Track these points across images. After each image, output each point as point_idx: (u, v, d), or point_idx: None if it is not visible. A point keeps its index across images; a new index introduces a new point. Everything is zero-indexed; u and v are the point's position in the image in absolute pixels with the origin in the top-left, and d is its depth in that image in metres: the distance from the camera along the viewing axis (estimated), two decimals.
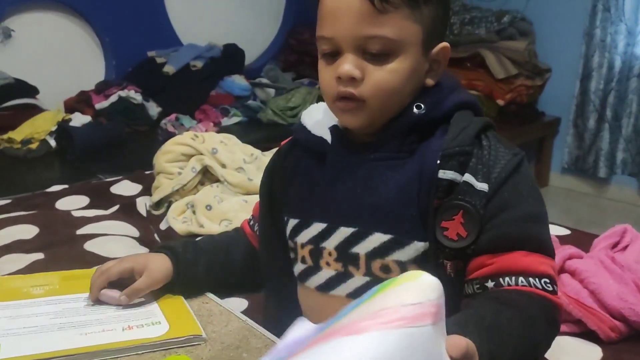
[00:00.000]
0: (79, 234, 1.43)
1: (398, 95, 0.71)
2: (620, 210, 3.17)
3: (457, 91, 0.75)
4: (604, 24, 3.05)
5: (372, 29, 0.67)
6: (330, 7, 0.70)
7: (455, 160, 0.68)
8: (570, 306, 1.08)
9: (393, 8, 0.67)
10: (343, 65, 0.69)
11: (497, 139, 0.72)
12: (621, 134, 3.13)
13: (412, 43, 0.70)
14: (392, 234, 0.71)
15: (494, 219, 0.68)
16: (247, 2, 3.41)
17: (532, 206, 0.69)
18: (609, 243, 1.25)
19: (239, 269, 0.89)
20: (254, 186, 1.73)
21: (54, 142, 2.39)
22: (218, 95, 3.00)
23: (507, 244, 0.67)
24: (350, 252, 0.74)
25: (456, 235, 0.67)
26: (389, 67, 0.69)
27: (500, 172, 0.69)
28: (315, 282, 0.78)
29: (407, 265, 0.71)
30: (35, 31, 2.72)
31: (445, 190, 0.69)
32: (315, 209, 0.77)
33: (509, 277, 0.66)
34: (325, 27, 0.70)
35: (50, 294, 0.81)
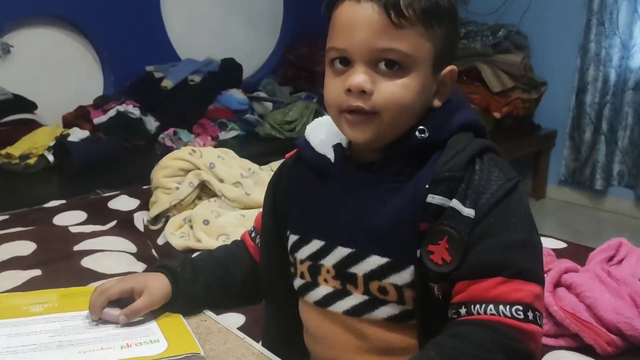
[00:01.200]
0: (76, 250, 1.43)
1: (408, 111, 0.71)
2: (618, 222, 3.17)
3: (460, 111, 0.74)
4: (599, 38, 3.08)
5: (387, 42, 0.68)
6: (346, 19, 0.70)
7: (445, 185, 0.68)
8: (566, 320, 1.08)
9: (409, 24, 0.68)
10: (355, 77, 0.69)
11: (494, 163, 0.71)
12: (617, 146, 3.15)
13: (423, 61, 0.70)
14: (389, 257, 0.71)
15: (477, 246, 0.67)
16: (245, 17, 3.43)
17: (519, 233, 0.68)
18: (604, 257, 1.26)
19: (238, 284, 0.89)
20: (252, 201, 1.73)
21: (52, 157, 2.39)
22: (216, 110, 3.01)
23: (485, 271, 0.67)
24: (348, 271, 0.75)
25: (441, 259, 0.68)
26: (400, 82, 0.69)
27: (489, 199, 0.68)
28: (313, 297, 0.79)
29: (403, 289, 0.72)
30: (34, 46, 2.74)
31: (434, 214, 0.68)
32: (315, 226, 0.78)
33: (479, 304, 0.66)
34: (339, 38, 0.70)
35: (49, 311, 0.81)
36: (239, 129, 2.97)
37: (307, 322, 0.82)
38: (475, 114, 0.76)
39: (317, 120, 0.83)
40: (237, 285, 0.88)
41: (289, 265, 0.82)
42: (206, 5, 3.28)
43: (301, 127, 2.99)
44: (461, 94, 0.78)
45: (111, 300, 0.79)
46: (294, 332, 0.85)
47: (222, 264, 0.88)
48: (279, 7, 3.58)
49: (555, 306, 1.10)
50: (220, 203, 1.71)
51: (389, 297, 0.73)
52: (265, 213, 0.86)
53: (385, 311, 0.73)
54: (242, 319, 1.24)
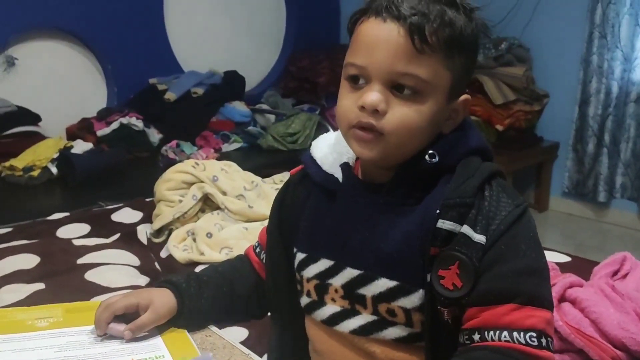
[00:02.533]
0: (79, 263, 1.43)
1: (417, 136, 0.71)
2: (621, 235, 3.17)
3: (469, 134, 0.74)
4: (601, 51, 3.09)
5: (407, 66, 0.68)
6: (368, 37, 0.69)
7: (455, 211, 0.68)
8: (571, 336, 1.07)
9: (430, 51, 0.67)
10: (370, 95, 0.69)
11: (501, 188, 0.71)
12: (620, 158, 3.15)
13: (440, 88, 0.70)
14: (397, 280, 0.71)
15: (488, 272, 0.67)
16: (248, 29, 3.45)
17: (529, 260, 0.68)
18: (608, 271, 1.25)
19: (243, 300, 0.89)
20: (254, 213, 1.73)
21: (55, 169, 2.40)
22: (219, 122, 3.02)
23: (497, 297, 0.67)
24: (357, 292, 0.74)
25: (452, 285, 0.67)
26: (414, 107, 0.69)
27: (500, 225, 0.68)
28: (320, 315, 0.78)
29: (411, 312, 0.72)
30: (38, 59, 2.76)
31: (444, 239, 0.68)
32: (323, 245, 0.78)
33: (493, 331, 0.66)
34: (359, 55, 0.70)
35: (54, 326, 0.81)
36: (242, 141, 2.98)
37: (314, 339, 0.82)
38: (483, 137, 0.76)
39: (321, 136, 0.83)
40: (242, 300, 0.88)
41: (295, 283, 0.82)
42: (209, 18, 3.30)
43: (304, 139, 2.99)
44: (468, 116, 0.77)
45: (116, 315, 0.79)
46: (300, 348, 0.85)
47: (227, 279, 0.88)
48: (282, 19, 3.60)
49: (560, 321, 1.09)
50: (223, 216, 1.72)
51: (397, 319, 0.73)
52: (271, 230, 0.85)
53: (394, 332, 0.73)
54: (245, 333, 1.24)
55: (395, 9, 0.68)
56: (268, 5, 3.53)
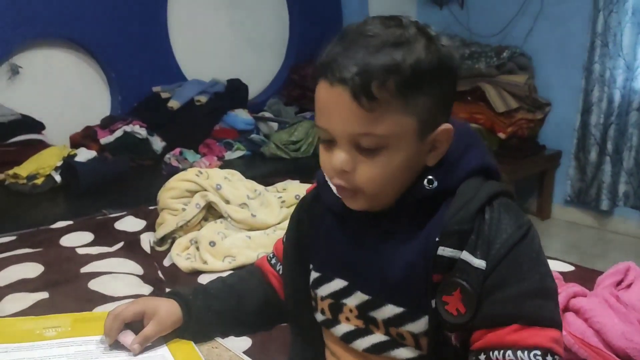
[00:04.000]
0: (83, 272, 1.43)
1: (391, 184, 0.70)
2: (624, 243, 3.16)
3: (470, 153, 0.73)
4: (603, 59, 3.10)
5: (362, 127, 0.66)
6: (322, 102, 0.69)
7: (455, 238, 0.68)
8: (575, 346, 1.07)
9: (384, 105, 0.65)
10: (336, 157, 0.69)
11: (504, 209, 0.70)
12: (622, 166, 3.15)
13: (405, 135, 0.68)
14: (404, 307, 0.72)
15: (490, 296, 0.67)
16: (251, 38, 3.47)
17: (532, 281, 0.68)
18: (612, 281, 1.25)
19: (250, 313, 0.89)
20: (258, 222, 1.74)
21: (59, 177, 2.40)
22: (222, 130, 3.03)
23: (500, 321, 0.67)
24: (368, 314, 0.75)
25: (456, 310, 0.68)
26: (379, 160, 0.68)
27: (500, 249, 0.68)
28: (335, 332, 0.79)
29: (419, 337, 0.72)
30: (42, 68, 2.77)
31: (446, 266, 0.69)
32: (336, 265, 0.78)
33: (497, 350, 0.67)
34: (321, 118, 0.70)
35: (62, 336, 0.81)
36: (245, 149, 2.98)
37: (332, 351, 0.83)
38: (485, 154, 0.75)
39: None
40: (250, 313, 0.88)
41: (309, 296, 0.82)
42: (212, 27, 3.32)
43: (306, 146, 3.00)
44: (472, 130, 0.76)
45: (126, 322, 0.80)
46: (320, 357, 0.85)
47: (235, 292, 0.88)
48: (285, 28, 3.61)
49: (564, 331, 1.09)
50: (227, 224, 1.72)
51: (406, 342, 0.74)
52: (288, 246, 0.86)
53: (405, 353, 0.74)
54: (248, 342, 1.24)
55: (338, 72, 0.66)
56: (271, 14, 3.55)
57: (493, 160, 0.75)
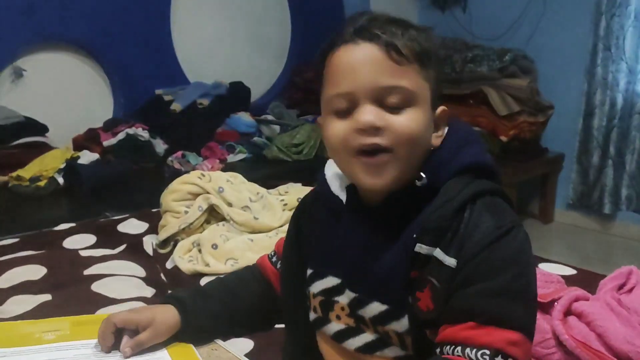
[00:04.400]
0: (86, 274, 1.44)
1: (420, 145, 0.71)
2: (626, 247, 3.15)
3: (464, 151, 0.73)
4: (605, 63, 3.10)
5: (391, 79, 0.69)
6: (346, 63, 0.70)
7: (432, 235, 0.69)
8: (577, 349, 1.07)
9: (407, 62, 0.70)
10: (364, 115, 0.69)
11: (486, 208, 0.70)
12: (625, 170, 3.14)
13: (424, 98, 0.71)
14: (388, 304, 0.72)
15: (456, 293, 0.67)
16: (253, 41, 3.48)
17: (500, 281, 0.66)
18: (615, 285, 1.25)
19: (248, 313, 0.89)
20: (260, 225, 1.74)
21: (62, 180, 2.41)
22: (224, 132, 3.03)
23: (460, 315, 0.67)
24: (357, 313, 0.76)
25: (425, 307, 0.69)
26: (407, 116, 0.70)
27: (472, 247, 0.67)
28: (327, 331, 0.80)
29: (403, 336, 0.72)
30: (46, 71, 2.78)
31: (423, 262, 0.69)
32: (330, 263, 0.79)
33: (449, 345, 0.67)
34: (342, 83, 0.70)
35: (61, 339, 0.82)
36: (247, 151, 2.99)
37: (324, 352, 0.83)
38: (481, 153, 0.75)
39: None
40: (248, 314, 0.89)
41: (305, 298, 0.83)
42: (215, 30, 3.33)
43: (308, 149, 3.00)
44: (470, 129, 0.77)
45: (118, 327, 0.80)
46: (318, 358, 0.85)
47: (233, 293, 0.89)
48: (287, 31, 3.62)
49: (566, 335, 1.09)
50: (229, 227, 1.72)
51: (392, 341, 0.74)
52: (287, 245, 0.86)
53: (393, 352, 0.75)
54: (250, 344, 1.24)
55: (365, 31, 0.70)
56: (274, 17, 3.56)
57: (490, 160, 0.75)
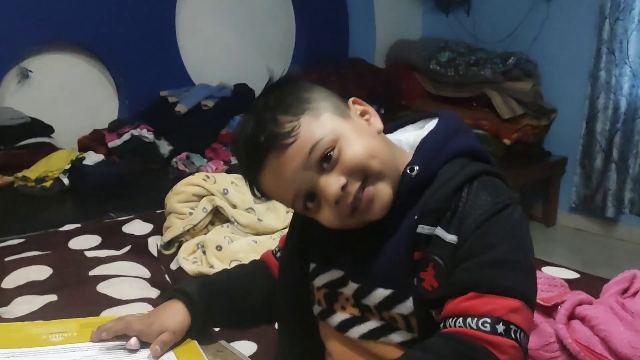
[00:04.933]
0: (91, 275, 1.45)
1: (377, 150, 0.73)
2: (629, 251, 3.15)
3: (455, 138, 0.76)
4: (609, 66, 3.10)
5: (301, 152, 0.71)
6: (271, 183, 0.74)
7: (432, 216, 0.71)
8: (581, 354, 1.08)
9: (297, 130, 0.71)
10: (327, 190, 0.71)
11: (483, 187, 0.72)
12: (628, 173, 3.14)
13: (335, 125, 0.73)
14: (392, 289, 0.74)
15: (457, 268, 0.69)
16: (257, 43, 3.49)
17: (497, 252, 0.68)
18: (618, 289, 1.25)
19: (255, 307, 0.91)
20: (264, 227, 1.75)
21: (67, 180, 2.42)
22: (228, 134, 3.04)
23: (459, 288, 0.68)
24: (362, 302, 0.77)
25: (430, 286, 0.70)
26: (344, 149, 0.72)
27: (472, 223, 0.69)
28: (331, 322, 0.81)
29: (409, 318, 0.74)
30: (52, 72, 2.79)
31: (425, 243, 0.71)
32: (333, 256, 0.80)
33: (451, 318, 0.68)
34: (283, 195, 0.74)
35: (68, 341, 0.82)
36: None
37: (328, 345, 0.84)
38: (472, 139, 0.77)
39: None
40: (255, 307, 0.90)
41: (306, 291, 0.84)
42: (220, 32, 3.34)
43: None
44: (458, 118, 0.79)
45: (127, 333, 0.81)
46: (313, 354, 0.86)
47: (240, 287, 0.90)
48: (291, 34, 3.63)
49: (570, 339, 1.09)
50: (233, 229, 1.73)
51: (399, 325, 0.75)
52: (289, 238, 0.88)
53: (398, 336, 0.76)
54: (254, 347, 1.25)
55: (256, 153, 0.72)
56: (278, 19, 3.57)
57: (479, 145, 0.77)
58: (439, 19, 3.81)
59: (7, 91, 2.69)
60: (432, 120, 0.80)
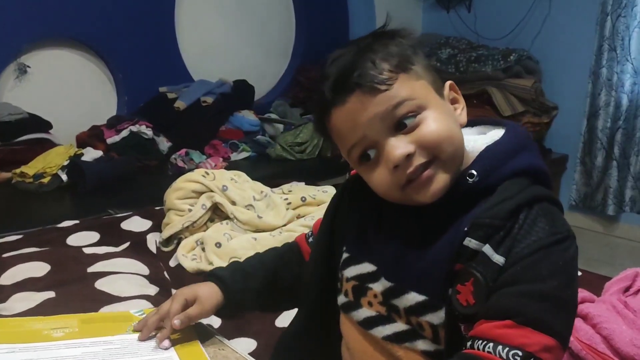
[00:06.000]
0: (90, 271, 1.43)
1: (453, 137, 0.71)
2: (630, 249, 3.15)
3: (520, 155, 0.73)
4: (610, 63, 3.09)
5: (389, 103, 0.70)
6: (345, 122, 0.72)
7: (483, 231, 0.68)
8: (583, 352, 1.07)
9: (394, 79, 0.70)
10: (393, 152, 0.70)
11: (543, 214, 0.69)
12: (629, 171, 3.14)
13: (427, 96, 0.72)
14: (426, 295, 0.72)
15: (499, 291, 0.67)
16: (257, 39, 3.47)
17: (547, 286, 0.65)
18: (620, 287, 1.25)
19: (286, 290, 0.91)
20: (263, 223, 1.74)
21: (65, 177, 2.41)
22: (228, 131, 3.03)
23: (499, 312, 0.66)
24: (391, 302, 0.76)
25: (465, 301, 0.68)
26: (426, 122, 0.70)
27: (524, 249, 0.66)
28: (355, 317, 0.80)
29: (438, 328, 0.72)
30: (50, 67, 2.78)
31: (469, 257, 0.69)
32: (367, 249, 0.79)
33: (481, 340, 0.66)
34: (352, 136, 0.72)
35: (69, 337, 0.81)
36: (250, 150, 2.98)
37: (347, 337, 0.83)
38: (537, 158, 0.74)
39: None
40: (286, 291, 0.91)
41: (334, 281, 0.83)
42: (219, 28, 3.33)
43: (311, 148, 3.00)
44: (526, 132, 0.77)
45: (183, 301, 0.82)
46: (331, 344, 0.86)
47: (271, 269, 0.91)
48: (291, 30, 3.62)
49: (572, 337, 1.09)
50: (233, 225, 1.72)
51: (425, 334, 0.74)
52: (323, 226, 0.87)
53: (422, 344, 0.74)
54: (254, 344, 1.24)
55: (344, 85, 0.70)
56: (278, 15, 3.55)
57: (545, 166, 0.74)
58: (440, 15, 3.80)
59: (5, 87, 2.68)
60: (496, 129, 0.78)
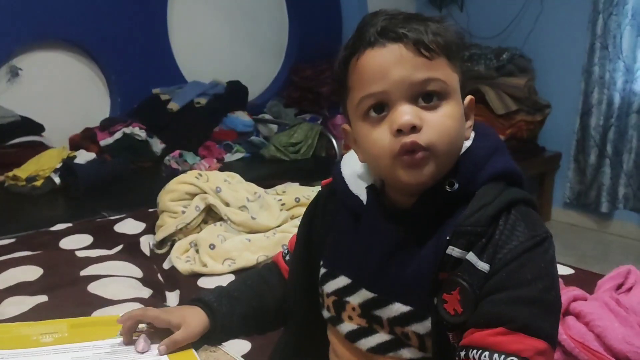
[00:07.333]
0: (82, 275, 1.43)
1: (457, 139, 0.71)
2: (623, 246, 3.16)
3: (494, 157, 0.73)
4: (603, 61, 3.10)
5: (424, 73, 0.68)
6: (376, 64, 0.70)
7: (465, 239, 0.68)
8: (576, 350, 1.07)
9: (437, 55, 0.69)
10: (402, 116, 0.68)
11: (522, 217, 0.69)
12: (622, 169, 3.15)
13: (455, 90, 0.71)
14: (411, 306, 0.72)
15: (486, 298, 0.67)
16: (251, 39, 3.47)
17: (533, 290, 0.66)
18: (613, 284, 1.25)
19: (272, 312, 0.90)
20: (257, 225, 1.73)
21: (58, 179, 2.40)
22: (221, 132, 3.03)
23: (489, 320, 0.66)
24: (372, 313, 0.75)
25: (453, 310, 0.68)
26: (443, 112, 0.69)
27: (507, 254, 0.67)
28: (339, 330, 0.80)
29: (424, 337, 0.72)
30: (42, 70, 2.77)
31: (453, 265, 0.69)
32: (343, 262, 0.78)
33: (476, 350, 0.66)
34: (373, 84, 0.69)
35: (59, 342, 0.81)
36: (244, 151, 2.98)
37: (335, 346, 0.83)
38: (510, 159, 0.74)
39: (352, 152, 0.81)
40: (272, 312, 0.90)
41: (315, 294, 0.82)
42: (212, 29, 3.32)
43: (306, 148, 3.00)
44: (495, 134, 0.77)
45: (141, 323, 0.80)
46: (320, 354, 0.86)
47: (257, 293, 0.90)
48: (284, 30, 3.62)
49: (564, 335, 1.09)
50: (226, 227, 1.71)
51: (411, 343, 0.73)
52: (299, 242, 0.86)
53: (409, 353, 0.74)
54: (247, 346, 1.24)
55: (389, 31, 0.70)
56: (271, 15, 3.55)
57: (517, 167, 0.74)
58: (432, 14, 3.79)
59: None
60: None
